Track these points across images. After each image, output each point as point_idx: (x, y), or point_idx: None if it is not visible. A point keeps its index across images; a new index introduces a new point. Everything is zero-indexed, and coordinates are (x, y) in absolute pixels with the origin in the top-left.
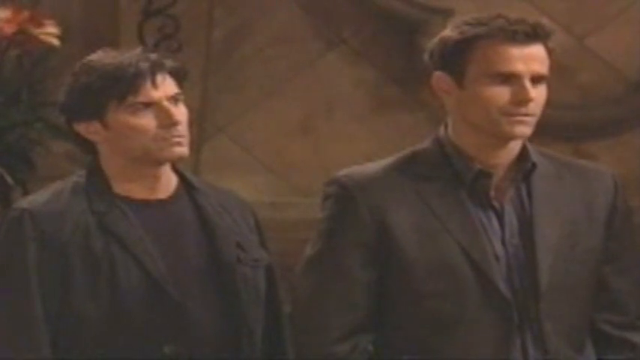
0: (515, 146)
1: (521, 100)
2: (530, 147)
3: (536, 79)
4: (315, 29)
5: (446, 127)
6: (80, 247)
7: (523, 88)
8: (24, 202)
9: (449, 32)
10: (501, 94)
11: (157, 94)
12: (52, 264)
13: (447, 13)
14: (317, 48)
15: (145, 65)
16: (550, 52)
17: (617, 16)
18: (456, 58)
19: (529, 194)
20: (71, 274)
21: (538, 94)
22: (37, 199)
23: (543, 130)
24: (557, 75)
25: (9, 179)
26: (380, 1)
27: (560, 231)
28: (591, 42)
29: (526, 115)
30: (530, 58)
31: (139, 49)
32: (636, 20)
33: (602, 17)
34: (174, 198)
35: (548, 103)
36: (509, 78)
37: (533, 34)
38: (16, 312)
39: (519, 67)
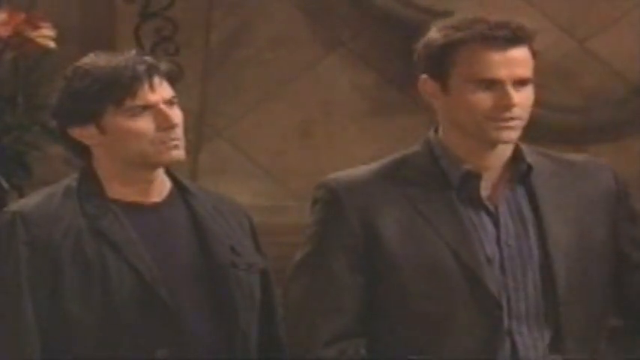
0: (506, 148)
1: (504, 105)
2: (524, 147)
3: (519, 83)
4: (314, 32)
5: (436, 130)
6: (72, 251)
7: (506, 93)
8: (15, 206)
9: (433, 35)
10: (485, 99)
11: (154, 98)
12: (44, 267)
13: (446, 16)
14: (316, 51)
15: (141, 68)
16: (534, 53)
17: (618, 19)
18: (439, 63)
19: (531, 196)
20: (63, 277)
21: (523, 97)
22: (29, 202)
23: (544, 133)
24: (559, 78)
25: (5, 183)
26: (379, 4)
27: (568, 232)
28: (593, 45)
29: (511, 119)
30: (512, 63)
31: (132, 52)
32: (638, 23)
33: (604, 20)
34: (167, 202)
35: (550, 106)
36: (492, 83)
37: (514, 38)
38: (6, 315)
39: (501, 72)
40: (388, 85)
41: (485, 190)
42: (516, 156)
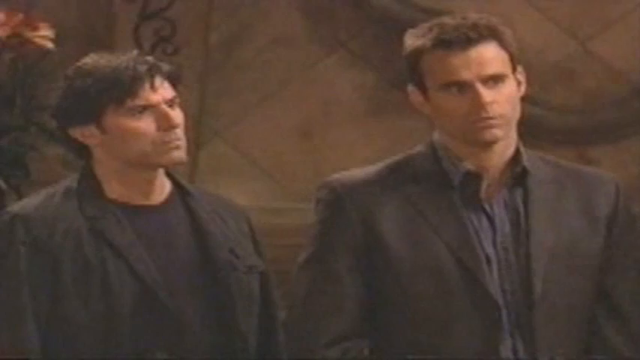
0: (504, 148)
1: (477, 106)
2: (525, 151)
3: (492, 80)
4: (314, 32)
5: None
6: (72, 252)
7: (476, 93)
8: (15, 207)
9: (405, 44)
10: (459, 103)
11: (155, 98)
12: (43, 269)
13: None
14: (315, 51)
15: (142, 68)
16: (506, 46)
17: (620, 19)
18: (414, 71)
19: (525, 199)
20: (62, 279)
21: (499, 94)
22: (29, 203)
23: (546, 133)
24: (560, 79)
25: (3, 184)
26: (379, 4)
27: (556, 238)
28: (594, 45)
29: (491, 118)
30: (475, 63)
31: (134, 52)
32: (639, 24)
33: (605, 20)
34: (167, 203)
35: (551, 106)
36: (462, 86)
37: (469, 39)
38: (6, 315)
39: (464, 74)
40: (388, 86)
41: (484, 191)
42: (515, 158)
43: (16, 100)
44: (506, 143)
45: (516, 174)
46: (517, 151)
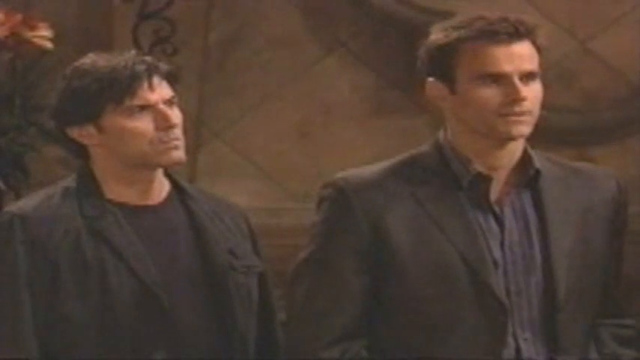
0: (516, 149)
1: (513, 99)
2: (533, 153)
3: (526, 77)
4: (314, 33)
5: (445, 130)
6: (70, 252)
7: (513, 87)
8: (14, 207)
9: (433, 37)
10: (493, 95)
11: (153, 97)
12: (42, 269)
13: (447, 16)
14: (315, 52)
15: (141, 68)
16: (539, 48)
17: (620, 18)
18: (443, 63)
19: (536, 201)
20: (61, 278)
21: (531, 91)
22: (27, 203)
23: (546, 134)
24: (560, 79)
25: (2, 185)
26: (379, 4)
27: (572, 237)
28: (594, 45)
29: (522, 113)
30: (516, 57)
31: (132, 52)
32: (639, 23)
33: (605, 20)
34: (166, 203)
35: (551, 107)
36: (499, 78)
37: (515, 33)
38: (5, 315)
39: (505, 66)
40: (388, 86)
41: (493, 193)
42: (525, 160)
43: (14, 100)
44: (518, 143)
45: (529, 176)
46: (525, 153)
